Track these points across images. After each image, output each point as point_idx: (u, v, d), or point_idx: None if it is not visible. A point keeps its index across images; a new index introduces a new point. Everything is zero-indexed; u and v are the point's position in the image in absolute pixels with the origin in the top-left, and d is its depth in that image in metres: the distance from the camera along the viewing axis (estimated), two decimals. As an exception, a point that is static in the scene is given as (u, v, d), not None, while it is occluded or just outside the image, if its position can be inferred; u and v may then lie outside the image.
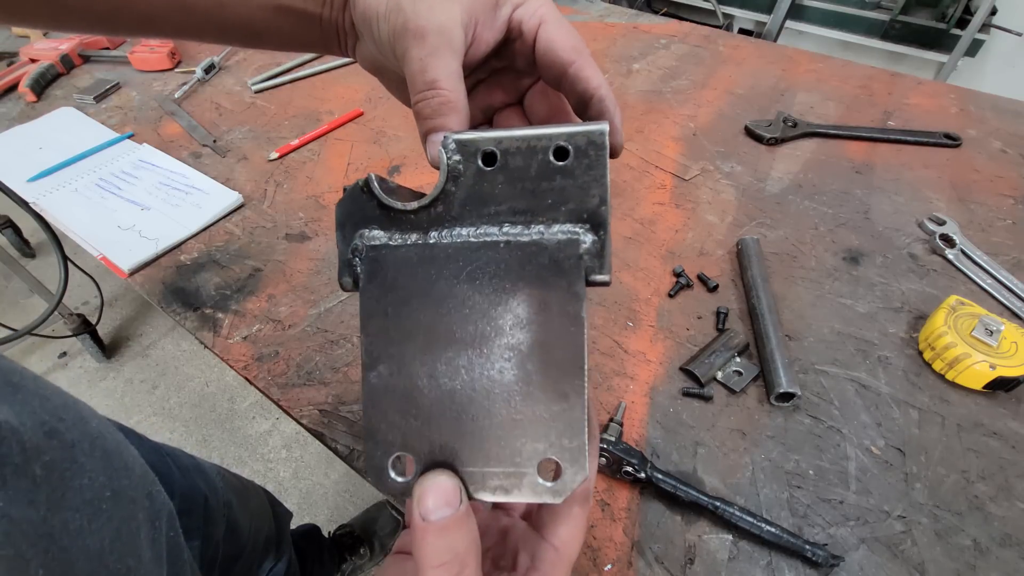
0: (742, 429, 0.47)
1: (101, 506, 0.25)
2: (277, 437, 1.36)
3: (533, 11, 0.24)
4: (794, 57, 1.04)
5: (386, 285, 0.21)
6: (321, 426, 0.47)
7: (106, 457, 0.27)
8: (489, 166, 0.21)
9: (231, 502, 0.60)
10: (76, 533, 0.23)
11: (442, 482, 0.20)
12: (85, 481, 0.25)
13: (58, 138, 0.80)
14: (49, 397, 0.26)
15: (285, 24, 0.28)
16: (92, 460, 0.26)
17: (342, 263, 0.22)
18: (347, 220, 0.22)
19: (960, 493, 0.43)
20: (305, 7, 0.28)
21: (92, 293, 1.45)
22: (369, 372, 0.21)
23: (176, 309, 0.57)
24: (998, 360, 0.47)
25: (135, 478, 0.30)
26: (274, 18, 0.28)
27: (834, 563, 0.38)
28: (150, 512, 0.30)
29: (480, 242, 0.21)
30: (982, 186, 0.73)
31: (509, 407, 0.21)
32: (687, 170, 0.76)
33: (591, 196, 0.22)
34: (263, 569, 0.71)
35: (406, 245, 0.22)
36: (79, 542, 0.23)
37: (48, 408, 0.25)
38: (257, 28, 0.28)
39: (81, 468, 0.25)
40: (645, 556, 0.40)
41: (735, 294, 0.58)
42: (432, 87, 0.22)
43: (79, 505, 0.24)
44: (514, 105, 0.30)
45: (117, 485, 0.27)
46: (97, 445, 0.27)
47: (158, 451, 0.53)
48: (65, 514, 0.23)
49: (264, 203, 0.70)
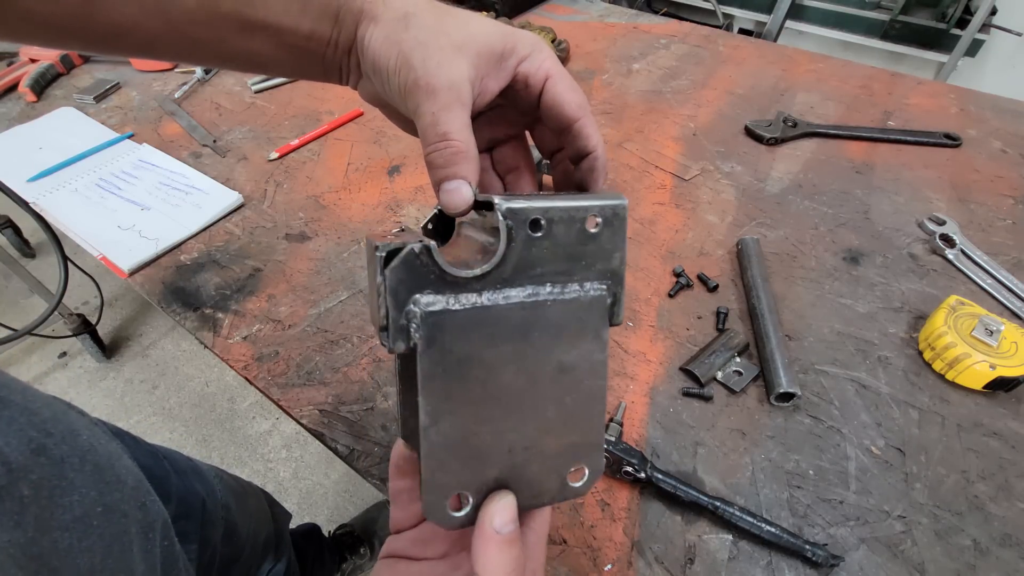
0: (742, 429, 0.47)
1: (92, 522, 0.25)
2: (277, 437, 1.36)
3: (539, 65, 0.26)
4: (794, 57, 1.04)
5: (445, 348, 0.22)
6: (321, 426, 0.47)
7: (97, 471, 0.27)
8: (535, 232, 0.23)
9: (229, 504, 0.60)
10: (66, 553, 0.23)
11: (509, 502, 0.23)
12: (75, 498, 0.25)
13: (58, 138, 0.80)
14: (38, 411, 0.26)
15: (288, 58, 0.28)
16: (82, 475, 0.26)
17: (396, 329, 0.22)
18: (400, 286, 0.22)
19: (960, 493, 0.43)
20: (308, 46, 0.28)
21: (92, 293, 1.45)
22: (429, 430, 0.22)
23: (176, 309, 0.57)
24: (998, 360, 0.47)
25: (127, 490, 0.29)
26: (276, 52, 0.28)
27: (834, 563, 0.38)
28: (143, 524, 0.30)
29: (532, 302, 0.24)
30: (982, 186, 0.73)
31: (553, 438, 0.25)
32: (687, 170, 0.76)
33: (614, 257, 0.25)
34: (262, 571, 0.71)
35: (465, 309, 0.23)
36: (69, 562, 0.23)
37: (36, 423, 0.25)
38: (260, 60, 0.28)
39: (71, 484, 0.25)
40: (645, 556, 0.40)
41: (735, 294, 0.58)
42: (444, 139, 0.24)
43: (68, 524, 0.24)
44: (514, 138, 0.31)
45: (109, 499, 0.27)
46: (88, 459, 0.27)
47: (154, 454, 0.53)
48: (54, 534, 0.23)
49: (264, 203, 0.70)
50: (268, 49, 0.27)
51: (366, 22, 0.26)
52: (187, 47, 0.27)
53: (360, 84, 0.30)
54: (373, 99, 0.30)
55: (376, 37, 0.26)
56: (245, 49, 0.27)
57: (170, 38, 0.26)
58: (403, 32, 0.25)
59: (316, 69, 0.29)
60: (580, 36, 1.11)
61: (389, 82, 0.25)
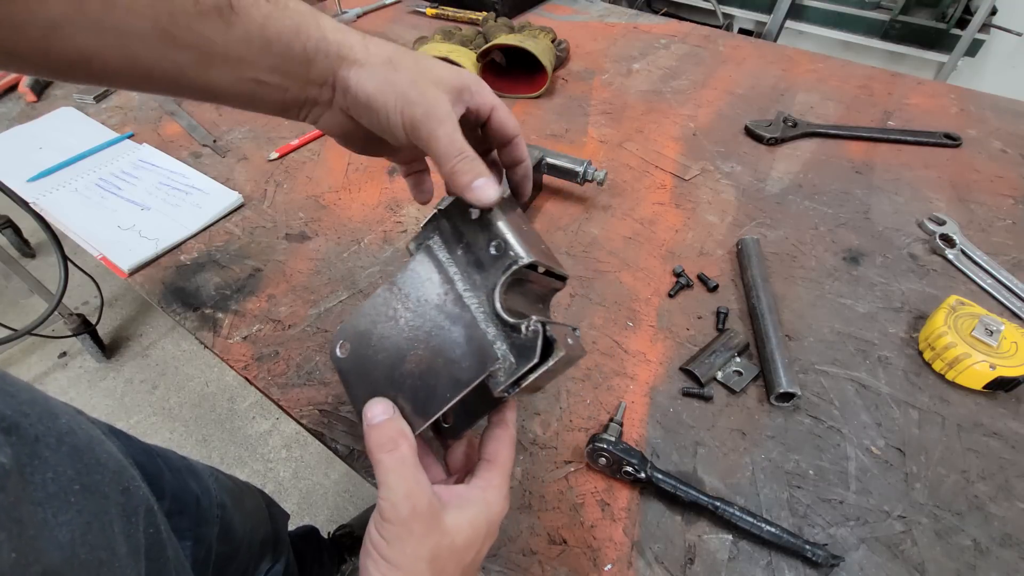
0: (742, 429, 0.47)
1: (69, 499, 0.26)
2: (277, 437, 1.36)
3: (485, 99, 0.33)
4: (794, 57, 1.04)
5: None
6: (321, 426, 0.47)
7: (75, 452, 0.28)
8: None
9: (224, 503, 0.60)
10: (43, 524, 0.24)
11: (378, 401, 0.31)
12: (49, 475, 0.26)
13: (58, 138, 0.80)
14: (15, 394, 0.27)
15: (245, 92, 0.30)
16: (58, 455, 0.27)
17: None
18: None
19: (960, 493, 0.43)
20: (270, 81, 0.30)
21: (92, 293, 1.45)
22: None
23: (176, 309, 0.57)
24: (998, 360, 0.47)
25: (108, 473, 0.30)
26: (234, 86, 0.29)
27: (834, 563, 0.38)
28: (125, 507, 0.31)
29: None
30: (982, 186, 0.73)
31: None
32: (687, 170, 0.76)
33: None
34: (260, 570, 0.71)
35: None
36: (47, 532, 0.24)
37: (11, 404, 0.26)
38: (217, 92, 0.30)
39: (45, 463, 0.26)
40: (645, 556, 0.39)
41: (735, 294, 0.58)
42: (463, 151, 0.30)
43: (42, 499, 0.25)
44: None
45: (87, 480, 0.28)
46: (65, 441, 0.28)
47: (148, 452, 0.53)
48: (28, 506, 0.24)
49: (264, 203, 0.70)
50: (226, 83, 0.29)
51: (347, 66, 0.30)
52: (143, 78, 0.27)
53: (324, 118, 0.33)
54: (337, 128, 0.33)
55: (366, 78, 0.30)
56: (203, 81, 0.28)
57: (129, 70, 0.26)
58: (393, 74, 0.30)
59: (273, 103, 0.31)
60: (580, 36, 1.11)
61: (388, 116, 0.30)
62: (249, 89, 0.29)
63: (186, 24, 0.26)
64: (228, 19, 0.27)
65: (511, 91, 0.92)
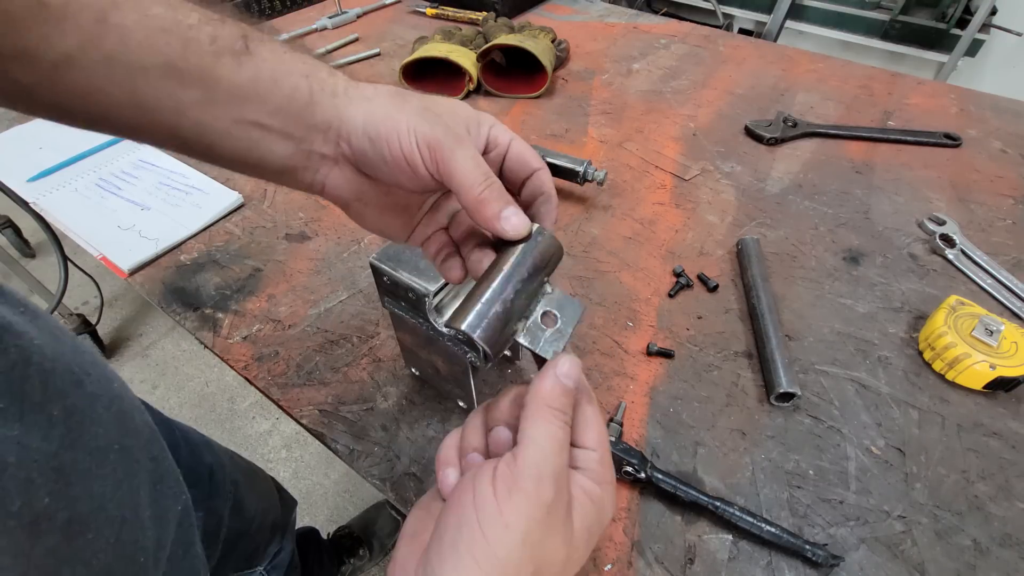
0: (742, 429, 0.47)
1: (109, 456, 0.27)
2: (277, 437, 1.36)
3: (503, 130, 0.31)
4: (794, 57, 1.04)
5: None
6: (321, 426, 0.47)
7: (121, 415, 0.30)
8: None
9: (238, 480, 0.62)
10: (84, 473, 0.25)
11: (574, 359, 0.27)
12: (100, 430, 0.27)
13: (58, 138, 0.79)
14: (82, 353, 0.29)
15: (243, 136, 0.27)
16: (109, 414, 0.28)
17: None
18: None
19: (960, 493, 0.43)
20: (285, 127, 0.28)
21: (92, 293, 1.45)
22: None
23: (176, 309, 0.57)
24: (998, 360, 0.47)
25: (142, 440, 0.31)
26: (234, 128, 0.27)
27: (834, 563, 0.38)
28: (153, 474, 0.32)
29: None
30: (982, 186, 0.73)
31: None
32: (687, 170, 0.76)
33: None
34: (268, 553, 0.73)
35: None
36: (85, 482, 0.25)
37: (79, 362, 0.27)
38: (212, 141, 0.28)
39: (99, 418, 0.27)
40: (645, 556, 0.39)
41: (735, 294, 0.58)
42: (489, 176, 0.27)
43: (91, 449, 0.26)
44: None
45: (126, 442, 0.29)
46: (115, 404, 0.29)
47: (168, 425, 0.54)
48: (77, 454, 0.25)
49: (264, 203, 0.70)
50: (225, 125, 0.27)
51: (355, 103, 0.28)
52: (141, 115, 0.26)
53: (332, 177, 0.30)
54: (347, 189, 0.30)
55: (375, 109, 0.28)
56: (202, 124, 0.27)
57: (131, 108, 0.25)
58: (403, 103, 0.28)
59: (274, 158, 0.29)
60: (580, 36, 1.11)
61: (401, 142, 0.27)
62: (248, 137, 0.28)
63: (197, 62, 0.25)
64: (240, 60, 0.26)
65: (511, 91, 0.92)
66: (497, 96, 0.91)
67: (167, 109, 0.26)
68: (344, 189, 0.30)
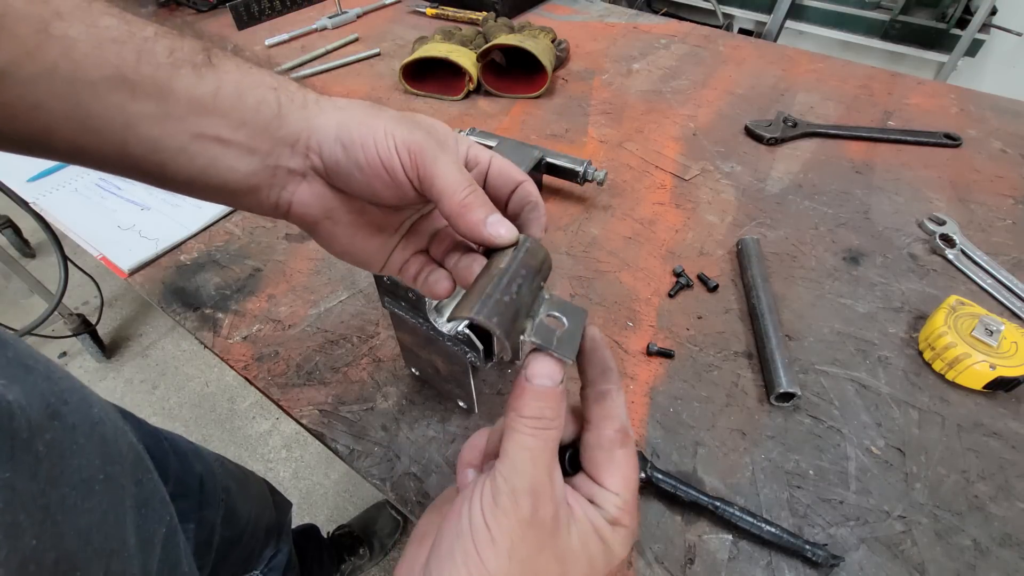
0: (742, 429, 0.47)
1: (94, 487, 0.26)
2: (277, 437, 1.36)
3: (482, 149, 0.30)
4: (794, 57, 1.04)
5: None
6: (321, 426, 0.47)
7: (103, 442, 0.28)
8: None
9: (229, 487, 0.61)
10: (70, 509, 0.24)
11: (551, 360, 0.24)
12: (83, 461, 0.26)
13: (58, 138, 0.80)
14: (57, 380, 0.27)
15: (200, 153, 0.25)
16: (91, 443, 0.27)
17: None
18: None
19: (960, 493, 0.43)
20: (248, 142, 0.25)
21: (92, 293, 1.45)
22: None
23: (176, 309, 0.57)
24: (998, 360, 0.47)
25: (127, 464, 0.30)
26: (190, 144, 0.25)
27: (834, 563, 0.38)
28: (137, 499, 0.31)
29: None
30: (982, 186, 0.73)
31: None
32: (687, 170, 0.76)
33: None
34: (263, 557, 0.72)
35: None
36: (71, 518, 0.24)
37: (55, 391, 0.26)
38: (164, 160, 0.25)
39: (81, 449, 0.26)
40: (645, 556, 0.39)
41: (735, 294, 0.58)
42: (472, 183, 0.26)
43: (76, 483, 0.25)
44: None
45: (110, 470, 0.28)
46: (96, 430, 0.28)
47: (155, 436, 0.53)
48: (63, 490, 0.24)
49: (264, 203, 0.70)
50: (181, 141, 0.25)
51: (325, 113, 0.26)
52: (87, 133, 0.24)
53: (299, 194, 0.27)
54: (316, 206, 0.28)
55: (348, 118, 0.26)
56: (154, 141, 0.24)
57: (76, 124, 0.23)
58: (379, 111, 0.27)
59: (235, 177, 0.26)
60: (580, 36, 1.11)
61: (378, 148, 0.25)
62: (207, 153, 0.25)
63: (152, 73, 0.23)
64: (202, 73, 0.24)
65: (511, 91, 0.92)
66: (497, 96, 0.91)
67: (115, 125, 0.23)
68: (313, 207, 0.28)
